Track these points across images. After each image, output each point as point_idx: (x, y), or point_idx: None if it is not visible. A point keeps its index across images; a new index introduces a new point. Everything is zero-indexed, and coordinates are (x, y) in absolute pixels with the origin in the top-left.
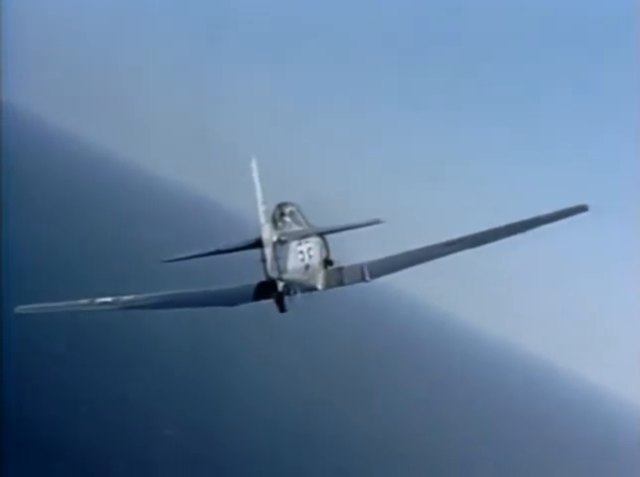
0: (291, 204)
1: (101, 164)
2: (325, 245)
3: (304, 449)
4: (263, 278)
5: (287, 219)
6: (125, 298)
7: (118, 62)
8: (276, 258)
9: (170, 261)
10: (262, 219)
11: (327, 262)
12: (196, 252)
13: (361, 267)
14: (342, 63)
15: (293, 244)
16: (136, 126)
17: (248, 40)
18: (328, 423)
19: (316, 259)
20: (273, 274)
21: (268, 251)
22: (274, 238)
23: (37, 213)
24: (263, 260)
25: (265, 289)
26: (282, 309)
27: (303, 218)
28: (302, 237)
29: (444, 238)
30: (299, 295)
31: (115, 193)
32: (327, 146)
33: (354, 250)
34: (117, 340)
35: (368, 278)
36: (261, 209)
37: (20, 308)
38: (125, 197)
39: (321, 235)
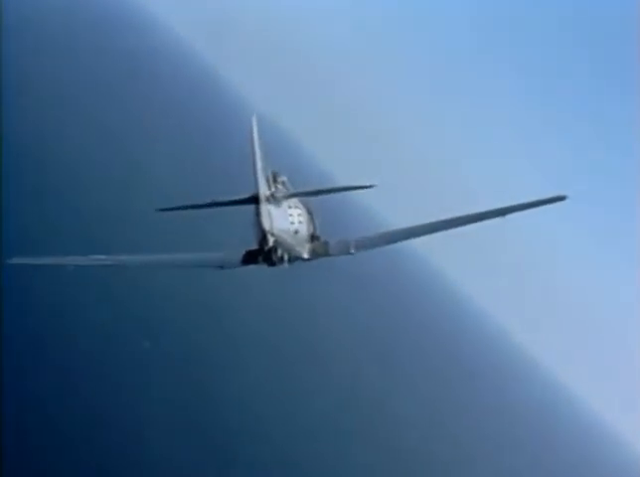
0: (283, 175)
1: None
2: (312, 221)
3: None
4: (254, 237)
5: (279, 186)
6: (119, 257)
7: None
8: (269, 213)
9: (165, 210)
10: (259, 175)
11: (313, 238)
12: (191, 204)
13: (347, 242)
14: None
15: (285, 205)
16: None
17: None
18: None
19: (304, 228)
20: (266, 226)
21: (263, 206)
22: (268, 193)
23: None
24: (257, 214)
25: (252, 256)
26: (272, 263)
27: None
28: (293, 195)
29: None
30: (286, 265)
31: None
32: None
33: None
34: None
35: (352, 251)
36: (259, 165)
37: (15, 260)
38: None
39: (309, 211)
